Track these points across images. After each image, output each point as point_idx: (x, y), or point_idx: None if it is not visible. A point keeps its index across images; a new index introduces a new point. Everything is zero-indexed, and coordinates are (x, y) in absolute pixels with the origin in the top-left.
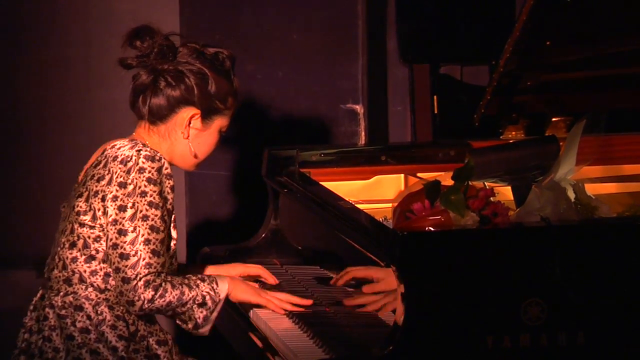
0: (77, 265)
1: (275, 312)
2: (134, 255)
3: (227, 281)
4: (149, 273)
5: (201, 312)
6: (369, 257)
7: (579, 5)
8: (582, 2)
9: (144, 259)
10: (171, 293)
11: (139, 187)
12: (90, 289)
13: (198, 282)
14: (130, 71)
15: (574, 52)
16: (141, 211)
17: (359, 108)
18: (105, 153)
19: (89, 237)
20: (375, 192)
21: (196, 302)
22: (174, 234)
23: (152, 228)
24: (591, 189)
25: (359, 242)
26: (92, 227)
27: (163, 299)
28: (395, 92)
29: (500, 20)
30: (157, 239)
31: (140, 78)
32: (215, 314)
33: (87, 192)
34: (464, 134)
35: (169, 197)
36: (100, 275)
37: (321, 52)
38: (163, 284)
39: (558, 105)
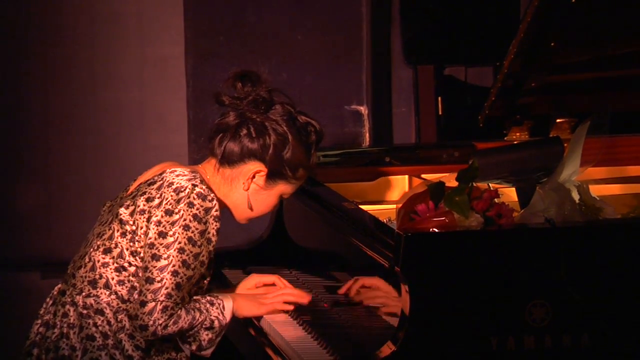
0: (106, 270)
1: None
2: (158, 282)
3: (231, 302)
4: (167, 301)
5: (207, 334)
6: (373, 258)
7: (583, 6)
8: (586, 4)
9: (166, 288)
10: (184, 319)
11: (184, 220)
12: (113, 297)
13: (208, 306)
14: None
15: (579, 53)
16: (179, 243)
17: (363, 109)
18: (163, 175)
19: (126, 249)
20: (379, 193)
21: (204, 326)
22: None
23: (184, 262)
24: (595, 190)
25: (363, 243)
26: (132, 241)
27: (176, 326)
28: (399, 94)
29: (505, 21)
30: (185, 274)
31: (227, 118)
32: (220, 338)
33: (133, 207)
34: (468, 135)
35: (214, 239)
36: (126, 287)
37: (325, 54)
38: (178, 311)
39: (562, 107)
